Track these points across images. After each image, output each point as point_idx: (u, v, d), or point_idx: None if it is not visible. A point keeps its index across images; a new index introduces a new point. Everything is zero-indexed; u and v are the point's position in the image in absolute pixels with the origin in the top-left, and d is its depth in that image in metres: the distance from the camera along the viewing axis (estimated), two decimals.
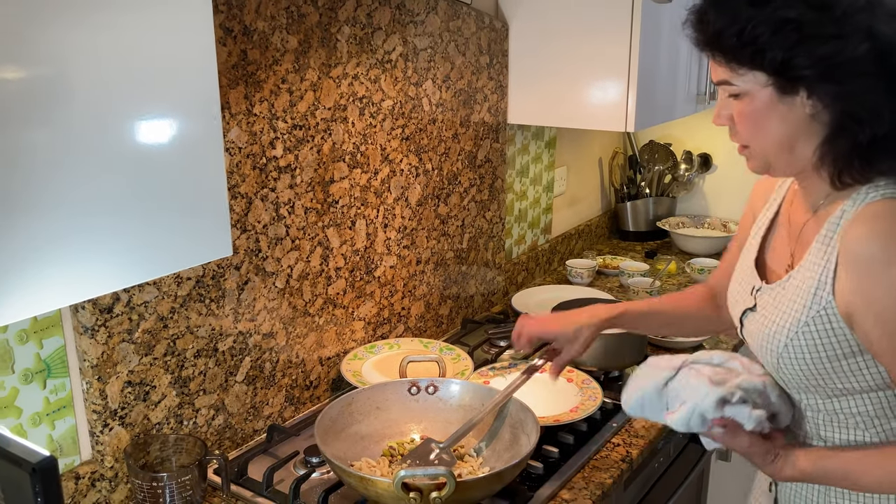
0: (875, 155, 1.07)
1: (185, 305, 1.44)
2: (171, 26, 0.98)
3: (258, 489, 1.44)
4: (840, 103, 1.05)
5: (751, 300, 1.25)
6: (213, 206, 1.08)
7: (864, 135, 1.05)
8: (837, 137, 1.08)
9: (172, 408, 1.46)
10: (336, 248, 1.75)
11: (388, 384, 1.55)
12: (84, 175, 0.92)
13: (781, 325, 1.16)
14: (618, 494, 1.59)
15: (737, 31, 1.05)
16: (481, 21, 2.08)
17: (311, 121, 1.62)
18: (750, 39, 1.04)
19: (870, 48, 1.01)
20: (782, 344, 1.15)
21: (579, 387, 1.74)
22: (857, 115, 1.05)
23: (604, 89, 2.10)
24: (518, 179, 2.43)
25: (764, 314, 1.21)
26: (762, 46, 1.04)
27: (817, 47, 1.02)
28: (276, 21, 1.51)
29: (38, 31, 0.85)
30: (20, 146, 0.86)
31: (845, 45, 1.01)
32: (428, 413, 1.54)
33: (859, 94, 1.04)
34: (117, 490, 1.40)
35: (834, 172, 1.10)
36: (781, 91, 1.07)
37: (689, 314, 1.53)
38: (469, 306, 2.26)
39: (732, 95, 1.11)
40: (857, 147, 1.06)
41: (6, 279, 0.87)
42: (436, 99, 1.96)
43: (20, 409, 1.26)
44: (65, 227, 0.92)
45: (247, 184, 1.51)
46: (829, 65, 1.02)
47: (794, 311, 1.14)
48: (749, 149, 1.15)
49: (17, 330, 1.23)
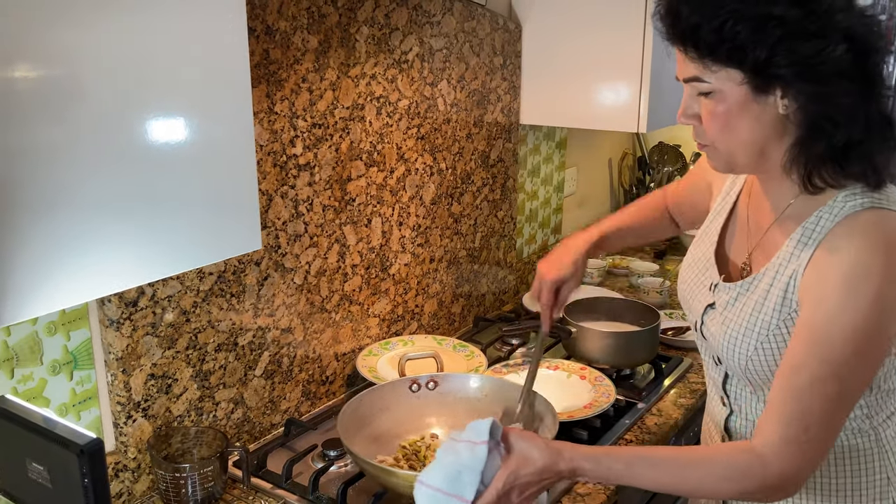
0: (848, 158, 1.04)
1: (207, 300, 1.47)
2: (209, 27, 1.00)
3: (277, 481, 1.46)
4: (815, 104, 1.02)
5: (710, 296, 1.24)
6: (244, 200, 1.10)
7: (839, 137, 1.03)
8: (810, 139, 1.05)
9: (193, 401, 1.49)
10: (352, 245, 1.77)
11: (389, 384, 1.54)
12: (111, 172, 0.94)
13: (750, 328, 1.14)
14: (631, 490, 1.61)
15: (716, 27, 0.99)
16: (495, 22, 2.10)
17: (329, 119, 1.65)
18: (730, 35, 0.99)
19: (847, 49, 0.99)
20: (752, 347, 1.14)
21: (592, 384, 1.76)
22: (832, 117, 1.02)
23: (616, 90, 2.12)
24: (529, 179, 2.46)
25: (727, 315, 1.19)
26: (742, 43, 0.99)
27: (798, 46, 0.98)
28: (298, 21, 1.53)
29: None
30: (53, 144, 0.88)
31: (825, 45, 0.98)
32: (432, 408, 1.54)
33: (835, 96, 1.01)
34: (140, 481, 1.42)
35: (804, 174, 1.07)
36: (756, 90, 1.03)
37: (654, 226, 1.60)
38: (481, 305, 2.28)
39: (702, 94, 1.07)
40: (831, 149, 1.04)
41: (36, 272, 0.89)
42: (450, 99, 1.98)
43: (48, 400, 1.28)
44: (93, 223, 0.94)
45: (267, 181, 1.53)
46: (808, 64, 0.99)
47: (763, 314, 1.13)
48: (712, 147, 1.12)
49: (46, 322, 1.25)
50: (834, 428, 1.07)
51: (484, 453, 1.07)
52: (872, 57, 1.03)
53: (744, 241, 1.24)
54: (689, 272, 1.32)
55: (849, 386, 1.05)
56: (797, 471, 1.05)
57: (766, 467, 1.05)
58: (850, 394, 1.06)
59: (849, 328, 1.02)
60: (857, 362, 1.04)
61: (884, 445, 1.20)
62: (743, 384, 1.24)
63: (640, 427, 1.69)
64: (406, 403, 1.53)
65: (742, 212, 1.26)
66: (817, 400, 1.04)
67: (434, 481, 1.08)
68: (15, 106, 0.84)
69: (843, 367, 1.03)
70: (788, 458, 1.04)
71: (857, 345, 1.02)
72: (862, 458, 1.20)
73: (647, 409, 1.75)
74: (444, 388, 1.56)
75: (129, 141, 0.95)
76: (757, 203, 1.22)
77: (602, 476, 1.11)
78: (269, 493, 1.45)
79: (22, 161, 0.86)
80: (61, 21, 0.87)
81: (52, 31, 0.86)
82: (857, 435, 1.19)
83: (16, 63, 0.84)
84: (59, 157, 0.89)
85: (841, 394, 1.05)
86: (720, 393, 1.29)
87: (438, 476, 1.08)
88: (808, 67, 0.99)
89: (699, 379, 1.90)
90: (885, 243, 1.03)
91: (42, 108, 0.87)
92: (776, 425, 1.05)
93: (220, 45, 1.03)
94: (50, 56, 0.87)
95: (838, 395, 1.04)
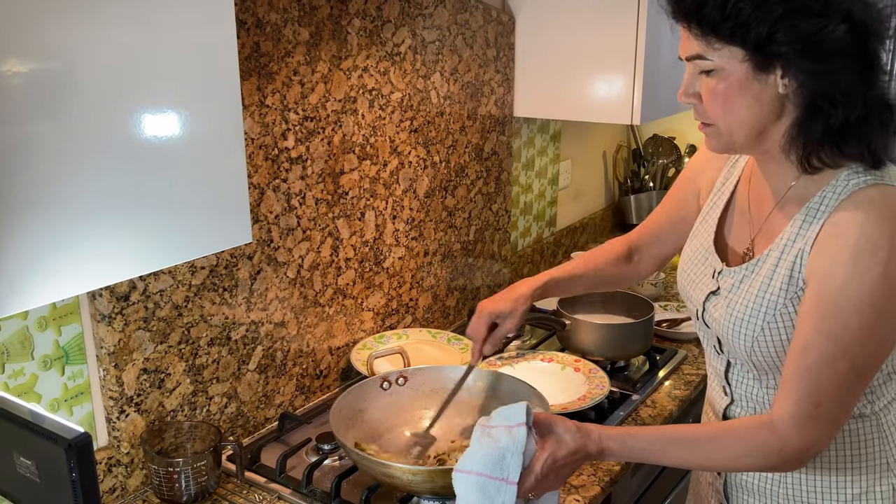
0: (846, 139, 1.06)
1: (199, 294, 1.46)
2: (194, 19, 1.00)
3: (271, 475, 1.46)
4: (814, 83, 1.04)
5: (713, 283, 1.25)
6: (234, 193, 1.10)
7: (837, 117, 1.05)
8: (809, 119, 1.07)
9: (186, 395, 1.48)
10: (346, 239, 1.77)
11: (361, 385, 1.50)
12: (100, 165, 0.94)
13: (756, 309, 1.15)
14: (625, 481, 1.61)
15: (720, 4, 1.02)
16: (488, 14, 2.09)
17: (321, 112, 1.64)
18: (733, 13, 1.02)
19: (847, 29, 1.01)
20: (758, 328, 1.15)
21: (587, 376, 1.76)
22: (830, 97, 1.04)
23: (610, 82, 2.11)
24: (523, 172, 2.45)
25: (731, 298, 1.20)
26: (745, 20, 1.01)
27: (800, 23, 1.00)
28: (289, 13, 1.52)
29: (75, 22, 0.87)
30: (40, 138, 0.88)
31: (826, 24, 1.00)
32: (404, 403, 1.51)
33: (834, 75, 1.03)
34: (133, 476, 1.42)
35: (803, 155, 1.09)
36: (757, 68, 1.04)
37: (608, 275, 1.55)
38: (475, 298, 2.28)
39: (704, 72, 1.09)
40: (829, 130, 1.06)
41: (25, 266, 0.89)
42: (444, 92, 1.98)
43: (39, 395, 1.28)
44: (83, 216, 0.93)
45: (259, 174, 1.53)
46: (809, 41, 1.01)
47: (770, 294, 1.14)
48: (713, 126, 1.13)
49: (37, 317, 1.25)
50: (846, 403, 1.09)
51: (523, 435, 1.09)
52: (872, 39, 1.04)
53: (744, 228, 1.25)
54: (688, 264, 1.33)
55: (860, 362, 1.07)
56: (811, 445, 1.09)
57: (784, 443, 1.08)
58: (861, 370, 1.08)
59: (857, 301, 1.04)
60: (867, 337, 1.05)
61: (884, 431, 1.21)
62: (745, 370, 1.25)
63: (635, 419, 1.69)
64: (379, 402, 1.49)
65: (741, 200, 1.27)
66: (828, 376, 1.06)
67: (476, 467, 1.09)
68: (5, 100, 0.84)
69: (852, 342, 1.05)
70: (803, 433, 1.08)
71: (865, 317, 1.04)
72: (862, 442, 1.21)
73: (642, 401, 1.75)
74: (415, 383, 1.53)
75: (117, 134, 0.95)
76: (757, 189, 1.23)
77: (626, 455, 1.15)
78: (263, 487, 1.45)
79: (10, 155, 0.85)
80: (49, 15, 0.86)
81: (39, 25, 0.85)
82: (857, 420, 1.20)
83: (5, 57, 0.83)
84: (47, 150, 0.89)
85: (852, 369, 1.06)
86: (722, 382, 1.30)
87: (479, 461, 1.09)
88: (809, 45, 1.01)
89: (693, 370, 1.90)
90: (891, 217, 1.05)
91: (31, 101, 0.86)
92: (788, 401, 1.08)
93: (209, 37, 1.02)
94: (38, 50, 0.86)
95: (849, 371, 1.06)
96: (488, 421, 1.14)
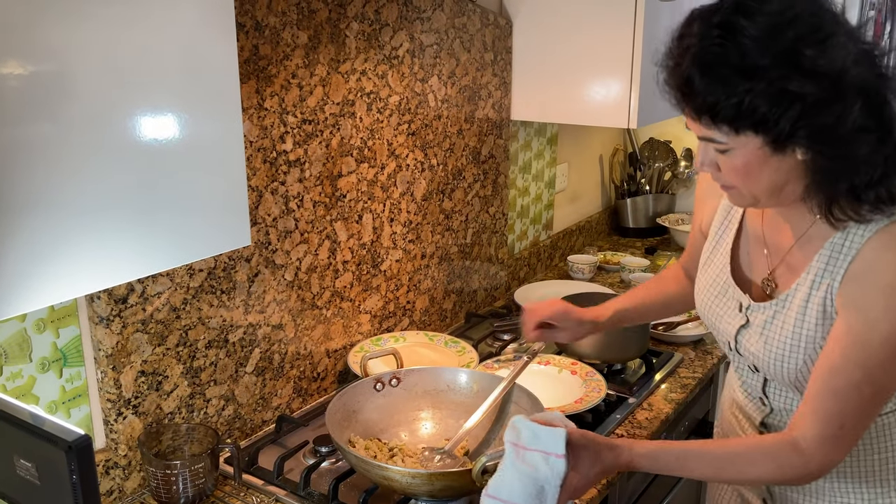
0: (868, 195, 1.07)
1: (197, 297, 1.46)
2: (193, 22, 1.00)
3: (269, 478, 1.46)
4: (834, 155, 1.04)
5: (741, 317, 1.27)
6: (233, 196, 1.10)
7: (860, 179, 1.05)
8: (834, 181, 1.07)
9: (184, 397, 1.48)
10: (343, 241, 1.77)
11: (354, 386, 1.51)
12: (98, 168, 0.94)
13: (796, 345, 1.18)
14: (622, 484, 1.62)
15: (735, 104, 1.00)
16: (486, 18, 2.10)
17: (320, 115, 1.64)
18: (748, 112, 1.00)
19: (862, 105, 1.01)
20: (801, 361, 1.18)
21: (583, 379, 1.76)
22: (851, 165, 1.04)
23: (607, 86, 2.12)
24: (520, 175, 2.46)
25: (768, 334, 1.22)
26: (762, 118, 1.00)
27: (818, 116, 1.00)
28: (287, 17, 1.53)
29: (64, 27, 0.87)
30: (39, 141, 0.88)
31: (843, 109, 1.00)
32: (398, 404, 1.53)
33: (854, 149, 1.03)
34: (130, 478, 1.42)
35: (826, 208, 1.09)
36: (774, 150, 1.05)
37: (673, 294, 1.57)
38: (472, 301, 2.28)
39: (718, 150, 1.08)
40: (853, 189, 1.07)
41: (24, 269, 0.89)
42: (441, 95, 1.98)
43: (37, 398, 1.28)
44: (80, 219, 0.94)
45: (257, 177, 1.53)
46: (829, 131, 1.01)
47: (806, 330, 1.17)
48: (735, 188, 1.13)
49: (35, 319, 1.25)
50: (867, 423, 1.15)
51: (563, 467, 1.08)
52: (887, 107, 1.04)
53: (761, 260, 1.26)
54: (706, 295, 1.33)
55: (883, 386, 1.12)
56: (833, 462, 1.14)
57: (808, 460, 1.13)
58: (883, 392, 1.13)
59: (886, 335, 1.08)
60: (893, 366, 1.10)
61: None
62: (784, 386, 1.27)
63: (631, 422, 1.69)
64: (373, 403, 1.51)
65: (754, 230, 1.28)
66: (853, 400, 1.11)
67: (514, 498, 1.08)
68: (3, 102, 0.84)
69: (878, 371, 1.10)
70: (827, 452, 1.13)
71: (892, 349, 1.09)
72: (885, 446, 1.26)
73: (639, 404, 1.75)
74: (408, 384, 1.55)
75: (117, 137, 0.95)
76: (775, 224, 1.24)
77: (654, 470, 1.19)
78: (260, 490, 1.45)
79: (9, 157, 0.86)
80: (48, 17, 0.86)
81: (38, 28, 0.86)
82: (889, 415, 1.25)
83: (4, 59, 0.84)
84: (47, 153, 0.89)
85: (876, 393, 1.12)
86: (758, 395, 1.33)
87: (518, 492, 1.08)
88: (829, 134, 1.02)
89: (689, 374, 1.91)
90: None
91: (30, 104, 0.86)
92: (814, 421, 1.13)
93: (209, 40, 1.03)
94: (37, 53, 0.86)
95: (873, 395, 1.12)
96: (519, 439, 1.11)
